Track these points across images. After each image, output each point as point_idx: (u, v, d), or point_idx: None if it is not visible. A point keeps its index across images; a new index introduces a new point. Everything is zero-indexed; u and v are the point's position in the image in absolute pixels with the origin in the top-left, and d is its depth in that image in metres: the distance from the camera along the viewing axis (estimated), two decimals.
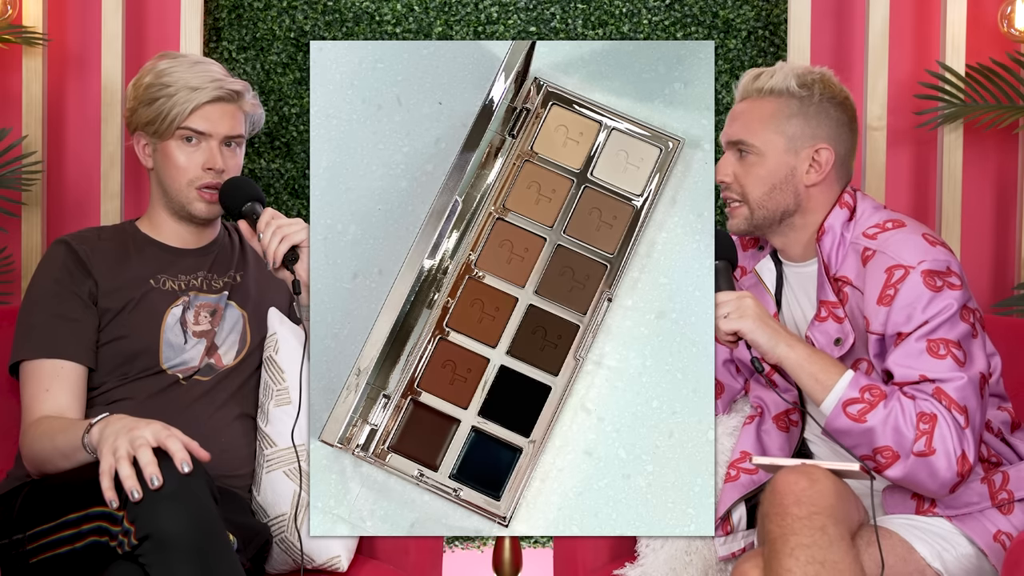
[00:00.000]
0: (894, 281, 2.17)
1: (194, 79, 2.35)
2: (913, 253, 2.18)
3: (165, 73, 2.36)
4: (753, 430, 2.37)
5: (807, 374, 2.17)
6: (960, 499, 2.20)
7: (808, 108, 2.25)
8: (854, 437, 2.14)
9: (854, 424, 2.13)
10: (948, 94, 2.78)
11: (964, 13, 2.81)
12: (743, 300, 2.19)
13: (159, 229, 2.43)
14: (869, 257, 2.21)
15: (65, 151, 2.88)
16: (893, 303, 2.16)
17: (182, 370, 2.35)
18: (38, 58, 2.81)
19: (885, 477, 2.16)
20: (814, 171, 2.26)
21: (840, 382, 2.15)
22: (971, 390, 2.14)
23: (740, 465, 2.33)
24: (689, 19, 2.99)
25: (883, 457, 2.13)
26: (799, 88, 2.25)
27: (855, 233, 2.26)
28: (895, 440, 2.11)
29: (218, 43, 2.99)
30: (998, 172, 2.88)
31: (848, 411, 2.14)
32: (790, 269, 2.34)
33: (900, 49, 2.85)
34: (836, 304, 2.24)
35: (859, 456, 2.16)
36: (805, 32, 2.84)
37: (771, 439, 2.35)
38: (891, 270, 2.18)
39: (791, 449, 2.34)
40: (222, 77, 2.37)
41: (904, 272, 2.17)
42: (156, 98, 2.35)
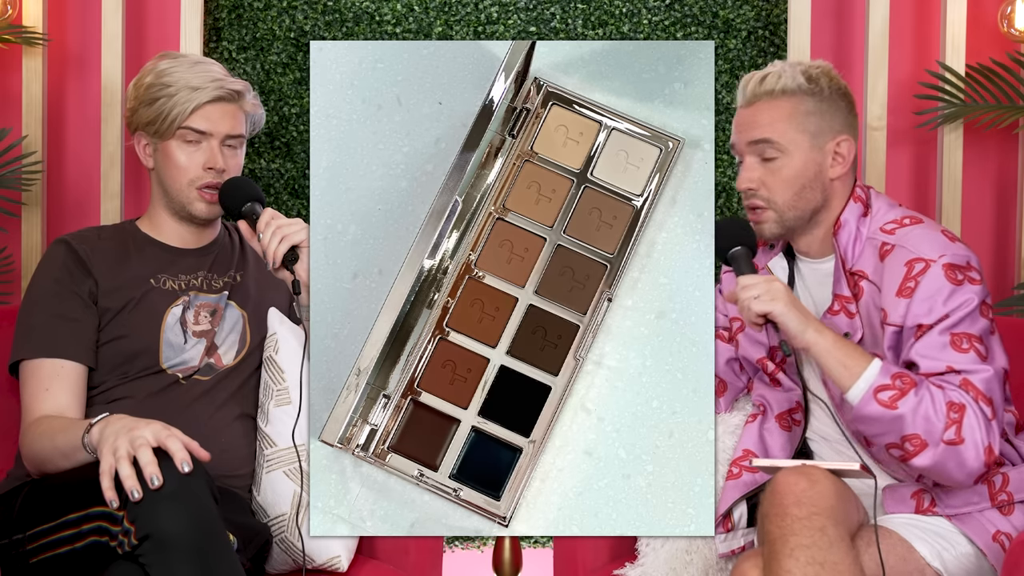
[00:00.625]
0: (915, 274, 2.17)
1: (195, 79, 2.35)
2: (933, 247, 2.18)
3: (166, 73, 2.36)
4: (755, 429, 2.37)
5: (835, 360, 2.15)
6: (960, 498, 2.20)
7: (821, 103, 2.25)
8: (883, 424, 2.12)
9: (885, 411, 2.11)
10: (948, 94, 2.78)
11: (964, 13, 2.81)
12: (773, 283, 2.17)
13: (159, 229, 2.43)
14: (888, 252, 2.21)
15: (65, 151, 2.88)
16: (914, 295, 2.16)
17: (182, 370, 2.35)
18: (38, 58, 2.81)
19: (911, 466, 2.14)
20: (839, 164, 2.26)
21: (870, 369, 2.14)
22: (996, 383, 2.15)
23: (742, 463, 2.33)
24: (689, 19, 2.99)
25: (911, 445, 2.12)
26: (808, 84, 2.25)
27: (871, 228, 2.26)
28: (925, 428, 2.10)
29: (218, 43, 2.99)
30: (998, 172, 2.88)
31: (879, 397, 2.12)
32: (807, 266, 2.33)
33: (900, 49, 2.85)
34: (850, 299, 2.24)
35: (885, 444, 2.14)
36: (805, 32, 2.84)
37: (773, 438, 2.35)
38: (911, 263, 2.18)
39: (793, 448, 2.34)
40: (223, 77, 2.37)
41: (925, 265, 2.17)
42: (157, 98, 2.35)
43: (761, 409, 2.39)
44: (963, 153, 2.84)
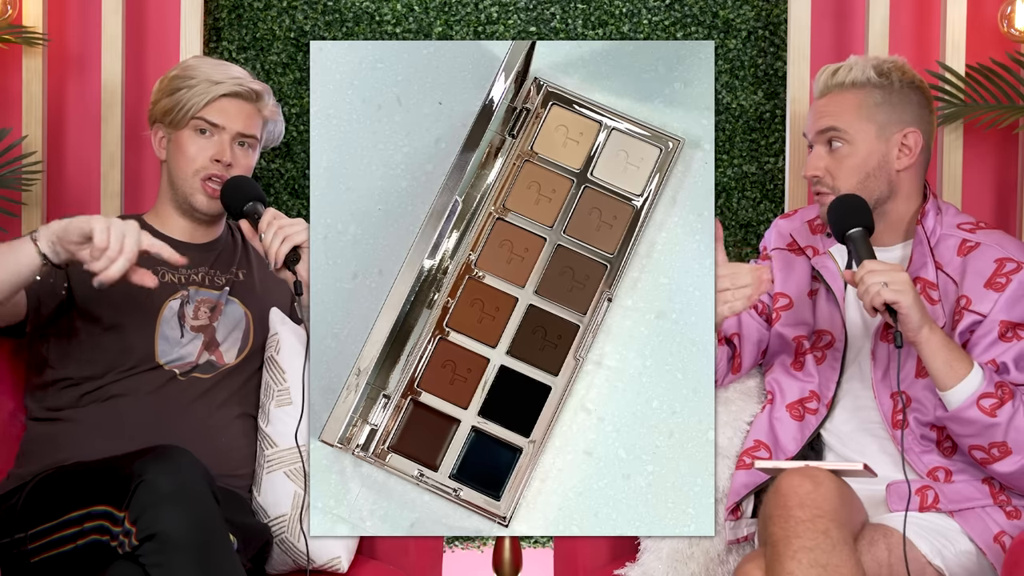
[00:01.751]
0: (1006, 271, 2.24)
1: (217, 74, 2.41)
2: (1021, 250, 2.27)
3: (191, 68, 2.43)
4: (766, 418, 2.38)
5: (943, 360, 2.18)
6: (961, 494, 2.22)
7: (891, 95, 2.32)
8: (976, 428, 2.18)
9: (984, 417, 2.17)
10: (948, 94, 2.78)
11: (964, 13, 2.80)
12: (900, 272, 2.16)
13: (164, 223, 2.44)
14: (972, 248, 2.28)
15: (65, 151, 2.87)
16: (1005, 289, 2.22)
17: (179, 365, 2.35)
18: (38, 58, 2.80)
19: (990, 470, 2.21)
20: (905, 155, 2.32)
21: (973, 374, 2.18)
22: None
23: (754, 454, 2.34)
24: (689, 19, 2.99)
25: (997, 451, 2.18)
26: (878, 77, 2.32)
27: (947, 225, 2.32)
28: (1014, 439, 2.17)
29: (218, 43, 2.99)
30: (998, 172, 2.88)
31: (981, 404, 2.17)
32: None
33: (900, 49, 2.84)
34: (934, 285, 2.28)
35: (970, 445, 2.20)
36: (805, 32, 2.84)
37: (784, 427, 2.36)
38: (1002, 261, 2.25)
39: (803, 439, 2.34)
40: (243, 76, 2.41)
41: (1016, 265, 2.25)
42: (178, 88, 2.40)
43: (770, 397, 2.40)
44: (963, 153, 2.83)
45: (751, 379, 2.49)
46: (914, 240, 2.32)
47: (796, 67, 2.82)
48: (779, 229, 2.50)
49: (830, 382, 2.35)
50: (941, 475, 2.25)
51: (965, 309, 2.24)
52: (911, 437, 2.27)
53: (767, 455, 2.34)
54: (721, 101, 2.99)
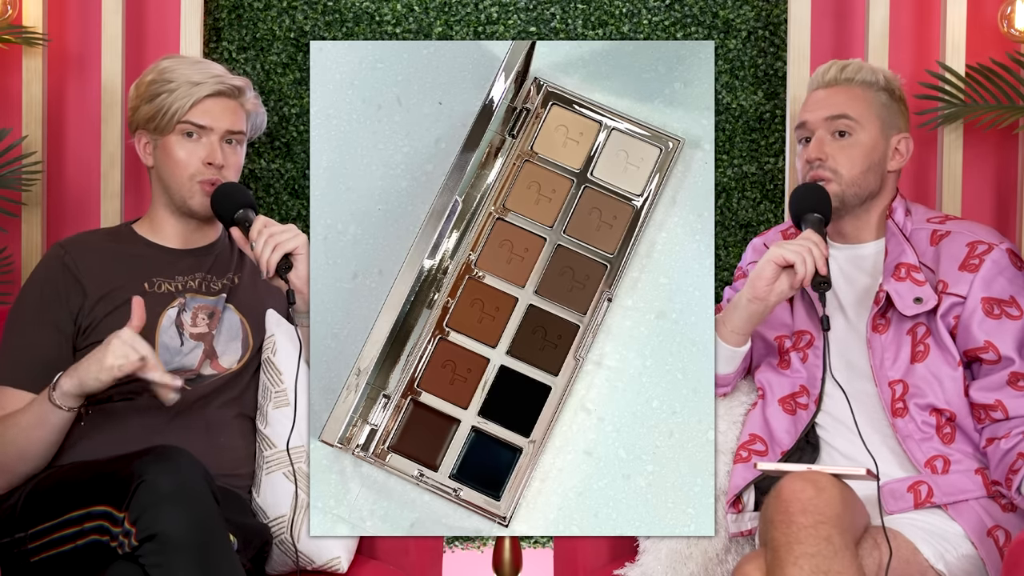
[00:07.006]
0: (978, 253, 2.30)
1: (196, 75, 2.36)
2: (991, 235, 2.34)
3: (167, 71, 2.37)
4: (759, 412, 2.39)
5: None
6: (955, 486, 2.23)
7: (892, 101, 2.41)
8: None
9: None
10: (948, 94, 2.78)
11: (964, 13, 2.80)
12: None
13: (159, 230, 2.42)
14: (943, 236, 2.34)
15: (65, 151, 2.87)
16: (979, 269, 2.28)
17: (180, 374, 2.34)
18: (38, 58, 2.80)
19: None
20: (897, 158, 2.40)
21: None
22: None
23: (750, 447, 2.35)
24: (689, 19, 2.99)
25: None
26: (883, 82, 2.41)
27: (917, 221, 2.38)
28: None
29: (218, 43, 2.99)
30: (998, 172, 2.88)
31: None
32: (842, 252, 2.40)
33: (900, 49, 2.84)
34: (917, 268, 2.32)
35: None
36: (805, 32, 2.84)
37: (777, 421, 2.37)
38: (973, 244, 2.31)
39: (797, 433, 2.35)
40: (223, 73, 2.38)
41: (988, 247, 2.30)
42: (158, 94, 2.36)
43: (761, 393, 2.41)
44: (963, 153, 2.83)
45: None
46: (886, 233, 2.38)
47: (796, 67, 2.82)
48: (753, 245, 2.57)
49: (815, 379, 2.36)
50: (939, 465, 2.25)
51: (943, 293, 2.29)
52: (911, 425, 2.28)
53: (763, 448, 2.35)
54: (721, 101, 2.99)
